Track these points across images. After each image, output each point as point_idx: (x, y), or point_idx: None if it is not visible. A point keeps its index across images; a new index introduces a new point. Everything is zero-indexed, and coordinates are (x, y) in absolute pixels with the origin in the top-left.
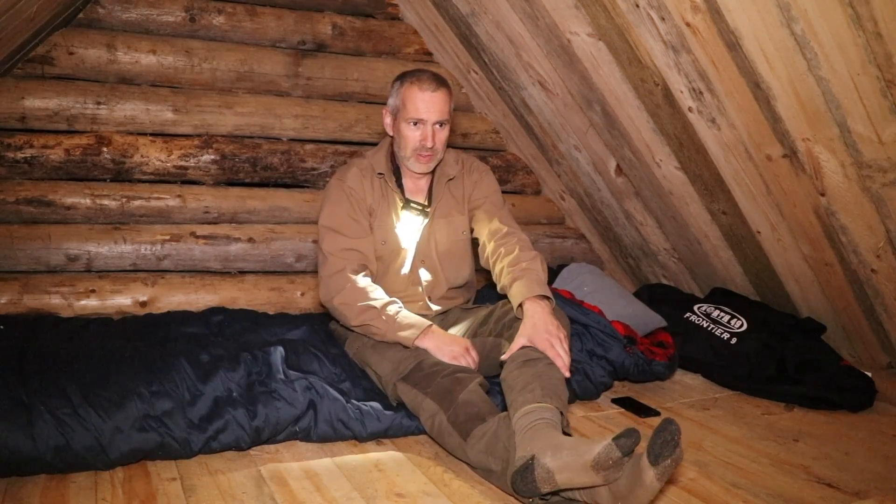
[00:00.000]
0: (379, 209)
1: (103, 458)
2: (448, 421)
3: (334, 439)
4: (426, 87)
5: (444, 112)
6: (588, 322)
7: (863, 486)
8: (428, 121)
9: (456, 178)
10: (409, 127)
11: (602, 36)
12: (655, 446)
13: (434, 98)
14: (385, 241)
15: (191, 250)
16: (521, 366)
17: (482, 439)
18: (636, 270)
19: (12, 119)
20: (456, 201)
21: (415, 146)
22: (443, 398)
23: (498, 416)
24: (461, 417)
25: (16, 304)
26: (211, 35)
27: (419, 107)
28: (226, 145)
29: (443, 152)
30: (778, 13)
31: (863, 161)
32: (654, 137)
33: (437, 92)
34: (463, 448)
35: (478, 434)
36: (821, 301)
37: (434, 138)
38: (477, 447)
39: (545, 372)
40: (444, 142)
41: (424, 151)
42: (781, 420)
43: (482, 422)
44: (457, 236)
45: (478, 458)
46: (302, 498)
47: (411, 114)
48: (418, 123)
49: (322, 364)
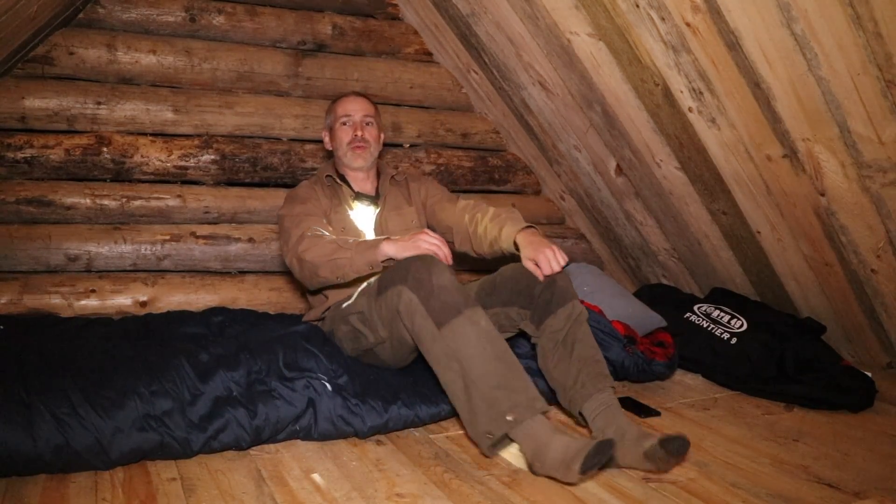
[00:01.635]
0: (332, 207)
1: (103, 457)
2: (421, 302)
3: (335, 436)
4: (350, 94)
5: (368, 110)
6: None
7: (863, 486)
8: (354, 115)
9: (398, 179)
10: (342, 127)
11: (602, 36)
12: (669, 445)
13: (358, 99)
14: (344, 228)
15: (191, 250)
16: (556, 349)
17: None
18: (636, 270)
19: (12, 119)
20: (403, 197)
21: (348, 140)
22: (418, 285)
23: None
24: (436, 304)
25: (16, 304)
26: (211, 35)
27: (347, 106)
28: (226, 145)
29: (376, 148)
30: (778, 13)
31: (863, 161)
32: (654, 137)
33: (360, 97)
34: (434, 337)
35: (457, 331)
36: (821, 301)
37: (363, 130)
38: (448, 352)
39: (582, 353)
40: (375, 138)
41: (357, 142)
42: (781, 420)
43: (458, 314)
44: (408, 225)
45: (445, 358)
46: (302, 498)
47: (340, 113)
48: (347, 122)
49: (319, 361)
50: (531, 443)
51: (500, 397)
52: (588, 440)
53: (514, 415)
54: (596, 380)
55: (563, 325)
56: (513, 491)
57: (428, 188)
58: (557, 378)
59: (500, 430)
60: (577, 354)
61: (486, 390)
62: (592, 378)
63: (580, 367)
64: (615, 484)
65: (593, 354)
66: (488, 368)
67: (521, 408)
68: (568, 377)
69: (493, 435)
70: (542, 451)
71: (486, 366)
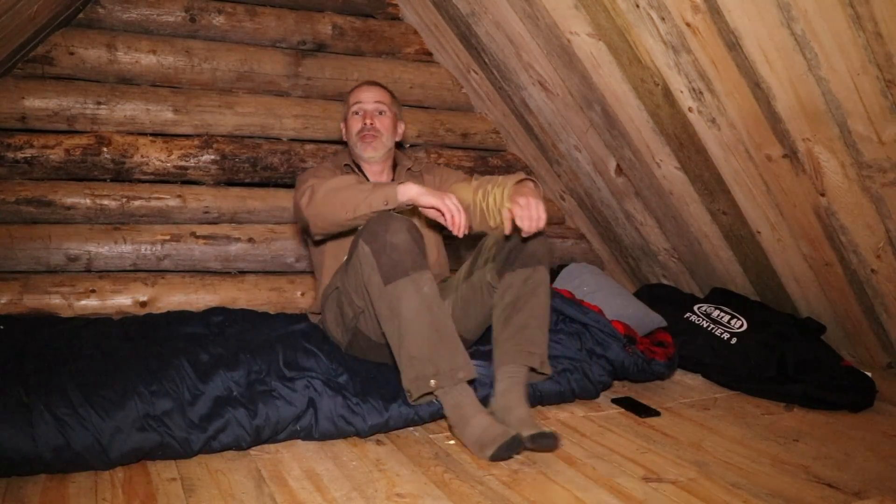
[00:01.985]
0: None
1: (103, 458)
2: (373, 255)
3: (336, 436)
4: (364, 84)
5: (381, 100)
6: (588, 321)
7: (863, 486)
8: (365, 103)
9: (414, 171)
10: (353, 116)
11: (602, 36)
12: (539, 441)
13: (371, 88)
14: None
15: (191, 250)
16: (505, 310)
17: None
18: (636, 270)
19: (12, 119)
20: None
21: (358, 129)
22: (373, 238)
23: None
24: (385, 261)
25: (16, 304)
26: (211, 35)
27: (359, 95)
28: (226, 145)
29: (389, 139)
30: (778, 13)
31: (863, 161)
32: (654, 137)
33: (374, 86)
34: (381, 292)
35: (400, 291)
36: (821, 301)
37: (373, 119)
38: (390, 308)
39: (520, 321)
40: (387, 128)
41: (366, 131)
42: (781, 420)
43: (405, 276)
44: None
45: (387, 312)
46: (302, 498)
47: (352, 102)
48: (359, 111)
49: (319, 360)
50: (455, 412)
51: (424, 363)
52: (506, 430)
53: (436, 381)
54: (516, 350)
55: (517, 287)
56: (513, 491)
57: (441, 176)
58: (495, 336)
59: (420, 391)
60: (516, 320)
61: (414, 353)
62: (515, 347)
63: (513, 333)
64: (615, 484)
65: (531, 324)
66: (421, 333)
67: (442, 376)
68: (500, 339)
69: (412, 394)
70: (463, 423)
71: (419, 330)
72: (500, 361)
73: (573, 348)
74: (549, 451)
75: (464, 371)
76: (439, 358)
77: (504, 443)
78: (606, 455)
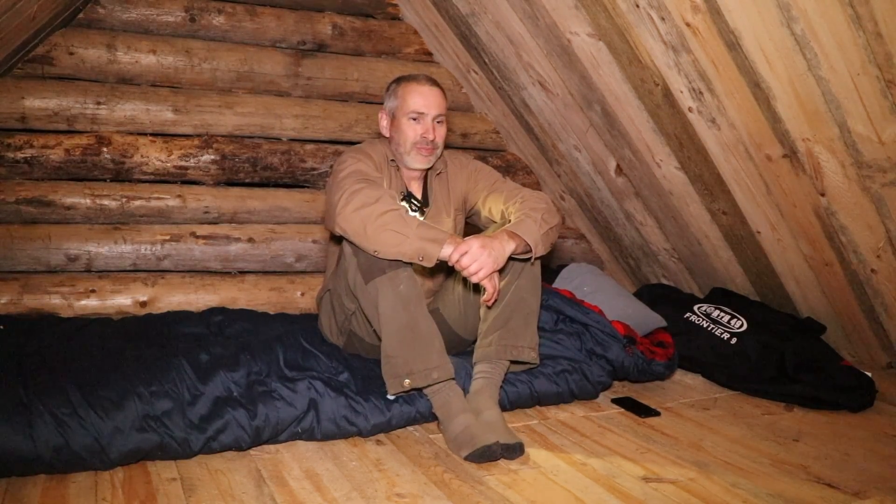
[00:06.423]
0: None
1: (103, 458)
2: (353, 254)
3: (338, 436)
4: (424, 83)
5: (441, 107)
6: (588, 322)
7: (863, 486)
8: (427, 114)
9: (442, 174)
10: (409, 122)
11: (602, 36)
12: (506, 451)
13: (433, 92)
14: None
15: (191, 250)
16: (486, 309)
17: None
18: (636, 271)
19: (12, 119)
20: (445, 202)
21: (415, 140)
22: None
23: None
24: (364, 261)
25: (16, 304)
26: (211, 35)
27: (419, 101)
28: (226, 145)
29: (441, 149)
30: (778, 13)
31: (863, 161)
32: (654, 137)
33: (435, 88)
34: (362, 290)
35: (378, 289)
36: (821, 301)
37: (435, 132)
38: (371, 301)
39: (508, 315)
40: (443, 138)
41: (426, 144)
42: (781, 420)
43: (382, 274)
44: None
45: (370, 309)
46: (302, 498)
47: (411, 107)
48: (418, 118)
49: (319, 360)
50: (442, 410)
51: (399, 362)
52: (484, 436)
53: (410, 381)
54: (499, 346)
55: (506, 283)
56: (513, 491)
57: (476, 179)
58: (479, 330)
59: (395, 389)
60: (500, 315)
61: (389, 352)
62: (497, 342)
63: (494, 328)
64: (615, 484)
65: (513, 317)
66: (396, 331)
67: (416, 375)
68: (480, 333)
69: (387, 391)
70: (446, 421)
71: (395, 329)
72: (477, 357)
73: (573, 348)
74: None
75: (438, 371)
76: (413, 358)
77: (477, 450)
78: (606, 455)
